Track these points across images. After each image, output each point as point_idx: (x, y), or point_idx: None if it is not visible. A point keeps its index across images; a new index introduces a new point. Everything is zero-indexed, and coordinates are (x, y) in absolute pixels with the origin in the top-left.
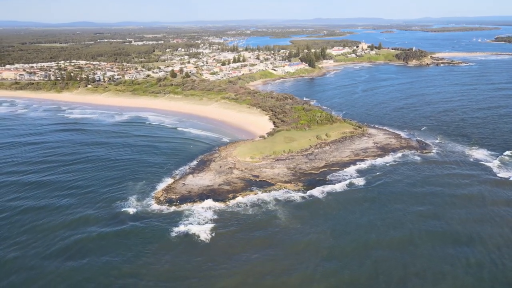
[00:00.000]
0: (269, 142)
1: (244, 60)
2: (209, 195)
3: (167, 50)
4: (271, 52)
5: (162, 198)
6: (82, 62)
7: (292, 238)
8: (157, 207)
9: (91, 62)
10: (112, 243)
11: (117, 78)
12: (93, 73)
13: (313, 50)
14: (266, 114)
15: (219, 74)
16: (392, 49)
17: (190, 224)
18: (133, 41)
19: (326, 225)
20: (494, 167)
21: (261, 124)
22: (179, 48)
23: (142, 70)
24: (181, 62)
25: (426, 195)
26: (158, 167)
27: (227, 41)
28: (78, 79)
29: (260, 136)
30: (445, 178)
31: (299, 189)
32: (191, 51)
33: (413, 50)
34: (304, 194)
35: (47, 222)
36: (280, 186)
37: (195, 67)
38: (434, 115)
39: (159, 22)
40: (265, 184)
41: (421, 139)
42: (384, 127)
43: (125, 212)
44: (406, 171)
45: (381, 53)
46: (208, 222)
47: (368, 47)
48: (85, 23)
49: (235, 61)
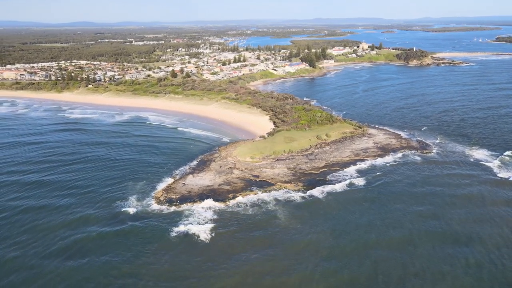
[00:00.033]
0: (269, 142)
1: (245, 60)
2: (209, 195)
3: (168, 50)
4: (272, 52)
5: (162, 198)
6: (83, 62)
7: (292, 238)
8: (157, 207)
9: (92, 62)
10: (112, 243)
11: (118, 78)
12: (94, 73)
13: (314, 50)
14: (267, 114)
15: (220, 74)
16: (393, 49)
17: (190, 224)
18: (134, 41)
19: (326, 225)
20: (494, 167)
21: (261, 124)
22: (180, 48)
23: (143, 70)
24: (182, 62)
25: (426, 195)
26: (158, 167)
27: (228, 41)
28: (79, 79)
29: (260, 136)
30: (445, 178)
31: (299, 189)
32: (192, 51)
33: (414, 50)
34: (304, 194)
35: (47, 222)
36: (280, 186)
37: (196, 67)
38: (435, 115)
39: (160, 22)
40: (265, 184)
41: (422, 139)
42: (385, 127)
43: (125, 212)
44: (406, 171)
45: (382, 53)
46: (208, 222)
47: (369, 47)
48: (86, 23)
49: (236, 61)
